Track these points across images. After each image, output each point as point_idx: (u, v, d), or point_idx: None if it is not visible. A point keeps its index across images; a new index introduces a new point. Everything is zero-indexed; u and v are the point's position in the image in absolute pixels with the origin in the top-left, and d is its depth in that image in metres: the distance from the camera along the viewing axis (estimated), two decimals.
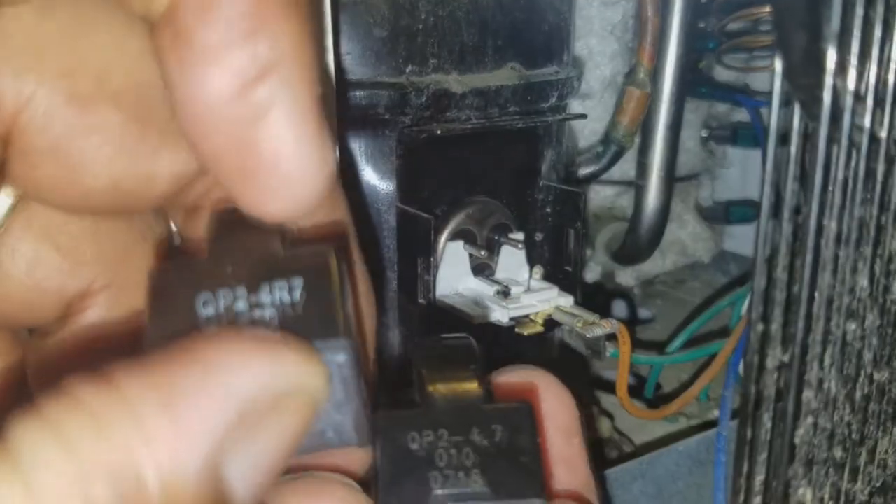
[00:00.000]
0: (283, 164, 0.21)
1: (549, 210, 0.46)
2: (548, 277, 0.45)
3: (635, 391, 0.53)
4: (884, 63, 0.29)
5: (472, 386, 0.23)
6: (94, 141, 0.23)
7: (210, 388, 0.18)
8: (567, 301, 0.44)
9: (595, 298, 0.62)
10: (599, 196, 0.62)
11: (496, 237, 0.43)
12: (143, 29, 0.22)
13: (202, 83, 0.20)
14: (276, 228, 0.22)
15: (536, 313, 0.43)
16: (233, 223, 0.23)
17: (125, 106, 0.23)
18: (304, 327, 0.20)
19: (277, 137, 0.21)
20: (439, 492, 0.21)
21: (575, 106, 0.54)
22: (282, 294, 0.20)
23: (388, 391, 0.27)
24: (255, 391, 0.18)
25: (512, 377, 0.26)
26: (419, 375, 0.23)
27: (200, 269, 0.21)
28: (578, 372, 0.53)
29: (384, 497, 0.21)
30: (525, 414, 0.22)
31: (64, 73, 0.22)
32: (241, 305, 0.20)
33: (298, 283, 0.20)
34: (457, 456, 0.21)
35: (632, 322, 0.63)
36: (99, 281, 0.26)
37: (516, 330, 0.43)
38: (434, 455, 0.21)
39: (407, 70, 0.40)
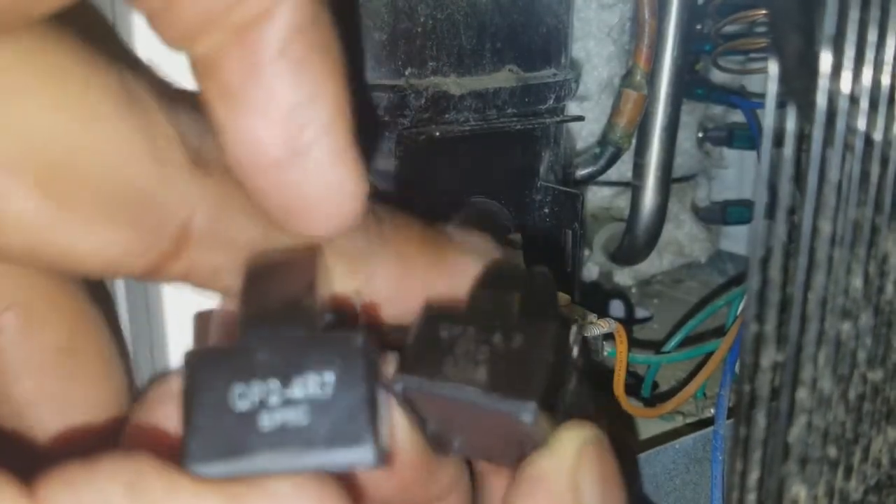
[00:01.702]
0: (324, 201, 0.23)
1: (546, 211, 0.46)
2: None
3: (632, 389, 0.54)
4: (879, 66, 0.29)
5: (514, 296, 0.25)
6: (5, 206, 0.22)
7: None
8: (565, 301, 0.44)
9: (593, 298, 0.62)
10: (597, 197, 0.62)
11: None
12: (107, 100, 0.22)
13: (247, 134, 0.22)
14: (305, 281, 0.24)
15: None
16: (262, 274, 0.24)
17: (45, 181, 0.22)
18: (335, 429, 0.21)
19: (317, 178, 0.23)
20: (447, 372, 0.23)
21: (572, 108, 0.54)
22: (314, 389, 0.21)
23: None
24: None
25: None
26: (483, 274, 0.26)
27: (234, 357, 0.22)
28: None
29: (401, 365, 0.24)
30: (548, 335, 0.24)
31: None
32: (274, 400, 0.21)
33: (330, 377, 0.21)
34: (474, 350, 0.23)
35: (629, 321, 0.64)
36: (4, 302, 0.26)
37: None
38: (455, 345, 0.24)
39: (406, 72, 0.40)
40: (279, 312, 0.23)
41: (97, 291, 0.29)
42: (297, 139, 0.22)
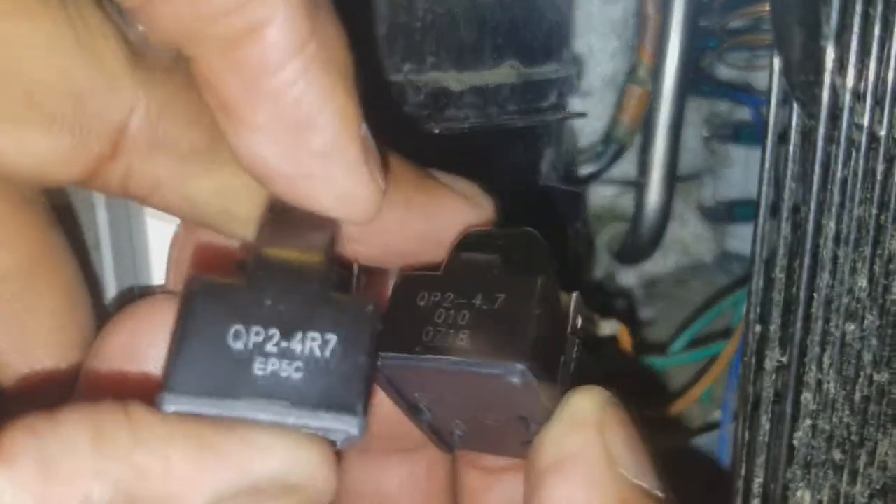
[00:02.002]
0: (340, 206, 0.22)
1: (548, 210, 0.45)
2: None
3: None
4: (883, 61, 0.28)
5: (494, 257, 0.24)
6: None
7: (234, 459, 0.19)
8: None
9: (595, 298, 0.61)
10: (600, 196, 0.61)
11: None
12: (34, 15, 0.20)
13: (249, 152, 0.21)
14: (325, 237, 0.23)
15: None
16: (283, 215, 0.23)
17: None
18: (326, 392, 0.20)
19: (330, 190, 0.22)
20: (427, 343, 0.22)
21: (575, 104, 0.54)
22: (313, 346, 0.20)
23: None
24: (270, 476, 0.19)
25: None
26: (461, 238, 0.25)
27: (239, 296, 0.21)
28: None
29: (380, 341, 0.22)
30: (535, 289, 0.22)
31: None
32: (271, 348, 0.20)
33: (332, 338, 0.20)
34: (454, 316, 0.22)
35: (633, 322, 0.63)
36: None
37: None
38: (434, 313, 0.22)
39: (405, 68, 0.39)
40: (296, 262, 0.21)
41: (70, 225, 0.28)
42: (302, 160, 0.21)
